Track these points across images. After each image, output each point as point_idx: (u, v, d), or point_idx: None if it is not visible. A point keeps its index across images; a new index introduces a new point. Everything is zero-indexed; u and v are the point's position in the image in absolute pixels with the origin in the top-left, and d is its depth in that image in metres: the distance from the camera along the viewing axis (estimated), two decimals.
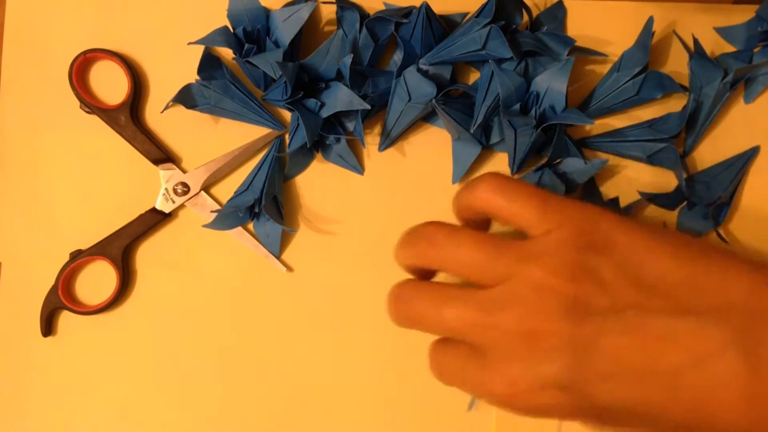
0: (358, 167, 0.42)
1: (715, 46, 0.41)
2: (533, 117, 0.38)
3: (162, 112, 0.41)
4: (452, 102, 0.39)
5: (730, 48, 0.41)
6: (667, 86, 0.40)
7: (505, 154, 0.41)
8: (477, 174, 0.42)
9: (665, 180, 0.41)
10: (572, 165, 0.40)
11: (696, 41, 0.40)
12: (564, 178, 0.39)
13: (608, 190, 0.41)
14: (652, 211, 0.41)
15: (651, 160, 0.40)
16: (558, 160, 0.40)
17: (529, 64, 0.39)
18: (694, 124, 0.41)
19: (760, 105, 0.42)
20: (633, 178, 0.41)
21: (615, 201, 0.40)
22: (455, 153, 0.41)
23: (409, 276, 0.33)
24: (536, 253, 0.28)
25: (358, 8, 0.40)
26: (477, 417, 0.41)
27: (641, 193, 0.40)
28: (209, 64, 0.40)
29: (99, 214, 0.42)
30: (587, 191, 0.41)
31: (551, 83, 0.38)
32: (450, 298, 0.29)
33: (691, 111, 0.40)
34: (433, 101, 0.38)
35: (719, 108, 0.41)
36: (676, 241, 0.29)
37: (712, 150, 0.41)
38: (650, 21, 0.39)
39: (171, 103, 0.40)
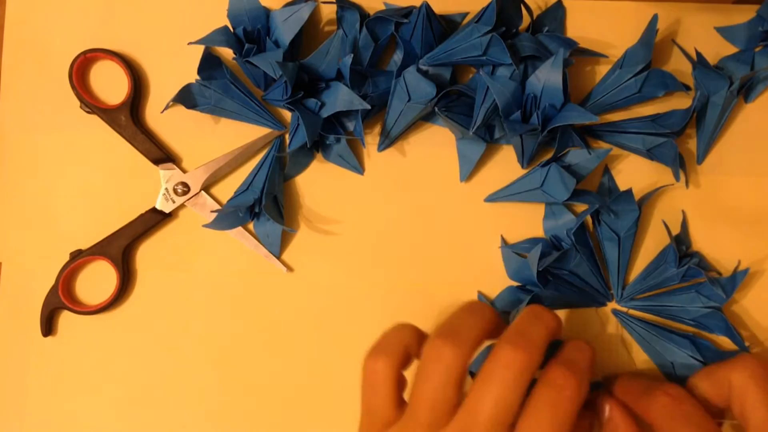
0: (358, 167, 0.42)
1: (716, 46, 0.41)
2: (536, 123, 0.37)
3: (162, 112, 0.41)
4: (453, 104, 0.39)
5: (731, 47, 0.41)
6: (669, 85, 0.40)
7: (511, 146, 0.41)
8: (484, 171, 0.42)
9: (664, 176, 0.41)
10: (577, 156, 0.40)
11: (698, 53, 0.40)
12: (570, 170, 0.39)
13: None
14: (662, 203, 0.41)
15: (650, 154, 0.40)
16: (564, 152, 0.40)
17: (528, 67, 0.39)
18: (703, 130, 0.41)
19: (761, 105, 0.42)
20: (631, 171, 0.41)
21: (629, 192, 0.40)
22: (460, 151, 0.41)
23: None
24: None
25: (358, 8, 0.40)
26: None
27: None
28: (209, 64, 0.40)
29: (99, 214, 0.42)
30: (602, 184, 0.41)
31: (546, 80, 0.38)
32: None
33: (697, 110, 0.40)
34: (436, 108, 0.38)
35: (728, 114, 0.41)
36: None
37: (712, 149, 0.42)
38: (655, 18, 0.39)
39: (171, 103, 0.40)
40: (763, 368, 0.33)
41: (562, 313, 0.41)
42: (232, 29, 0.40)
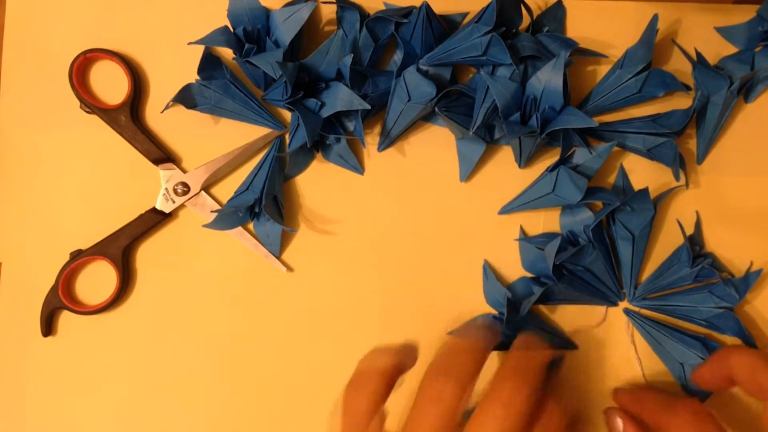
0: (358, 167, 0.42)
1: (716, 46, 0.41)
2: (535, 125, 0.37)
3: (162, 112, 0.41)
4: (453, 104, 0.39)
5: (731, 47, 0.41)
6: (669, 84, 0.40)
7: (510, 147, 0.41)
8: (483, 171, 0.42)
9: (663, 176, 0.41)
10: (582, 156, 0.40)
11: (698, 53, 0.40)
12: (577, 170, 0.39)
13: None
14: (664, 203, 0.41)
15: (650, 154, 0.40)
16: (570, 152, 0.40)
17: (528, 67, 0.39)
18: (703, 130, 0.41)
19: (761, 105, 0.42)
20: (632, 171, 0.42)
21: (644, 191, 0.40)
22: (460, 152, 0.41)
23: None
24: None
25: (358, 8, 0.40)
26: None
27: None
28: (209, 64, 0.40)
29: (99, 214, 0.42)
30: (617, 183, 0.41)
31: (547, 83, 0.38)
32: None
33: (697, 110, 0.40)
34: (436, 108, 0.38)
35: (728, 114, 0.41)
36: None
37: (713, 149, 0.42)
38: (655, 18, 0.39)
39: (171, 103, 0.40)
40: None
41: (573, 313, 0.41)
42: (232, 29, 0.40)
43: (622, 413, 0.37)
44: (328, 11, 0.42)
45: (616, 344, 0.41)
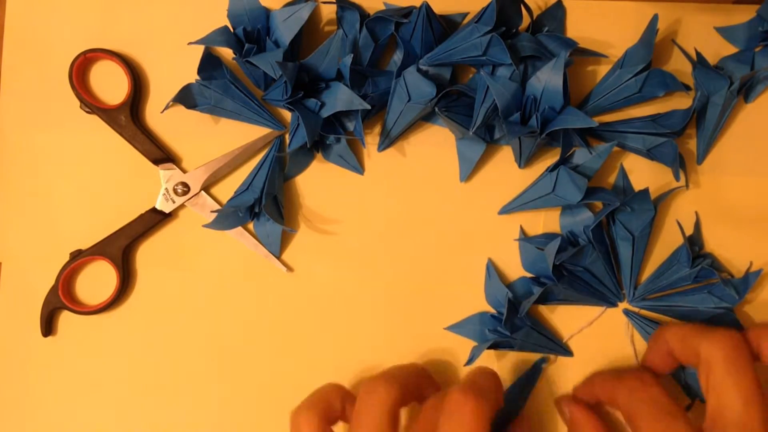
0: (358, 167, 0.42)
1: (716, 46, 0.41)
2: (535, 126, 0.37)
3: (162, 112, 0.41)
4: (453, 104, 0.39)
5: (731, 47, 0.41)
6: (669, 84, 0.40)
7: (510, 147, 0.41)
8: (483, 171, 0.42)
9: (663, 176, 0.41)
10: (582, 156, 0.40)
11: (698, 53, 0.40)
12: (577, 170, 0.39)
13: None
14: (664, 203, 0.41)
15: (650, 154, 0.40)
16: (570, 152, 0.40)
17: (528, 67, 0.39)
18: (703, 130, 0.41)
19: (761, 105, 0.42)
20: (633, 171, 0.42)
21: (645, 192, 0.40)
22: (460, 152, 0.41)
23: None
24: None
25: (358, 8, 0.40)
26: None
27: None
28: (209, 64, 0.40)
29: (99, 214, 0.42)
30: (617, 183, 0.41)
31: (547, 83, 0.38)
32: None
33: (697, 110, 0.40)
34: (436, 108, 0.38)
35: (728, 114, 0.41)
36: None
37: (713, 149, 0.42)
38: (655, 18, 0.39)
39: (171, 103, 0.40)
40: (736, 349, 0.33)
41: (573, 311, 0.41)
42: (232, 29, 0.40)
43: (568, 401, 0.38)
44: (328, 11, 0.42)
45: (616, 345, 0.41)
